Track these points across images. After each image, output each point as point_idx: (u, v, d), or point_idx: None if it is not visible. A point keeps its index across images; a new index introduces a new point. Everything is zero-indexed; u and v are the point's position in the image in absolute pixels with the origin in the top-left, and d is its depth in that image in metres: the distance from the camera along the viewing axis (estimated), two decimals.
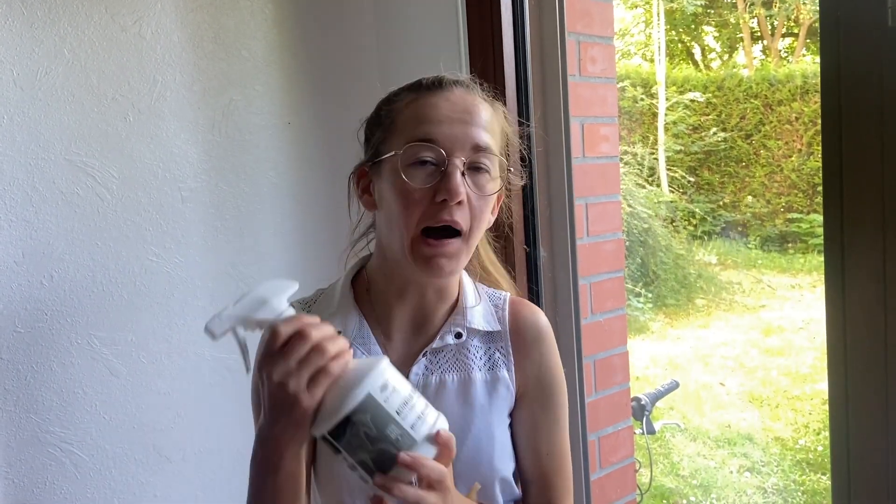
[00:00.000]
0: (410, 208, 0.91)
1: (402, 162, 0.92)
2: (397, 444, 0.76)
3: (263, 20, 1.62)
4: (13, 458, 1.35)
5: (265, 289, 0.81)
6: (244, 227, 1.60)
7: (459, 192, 0.90)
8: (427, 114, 0.94)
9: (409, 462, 0.76)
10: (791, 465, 4.34)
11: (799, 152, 8.66)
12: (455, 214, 0.91)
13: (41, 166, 1.36)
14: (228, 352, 1.58)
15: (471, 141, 0.93)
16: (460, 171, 0.91)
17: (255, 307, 0.80)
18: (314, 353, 0.77)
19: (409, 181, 0.91)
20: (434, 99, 0.95)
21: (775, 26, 11.08)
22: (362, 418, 0.76)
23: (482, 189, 0.94)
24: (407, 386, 0.80)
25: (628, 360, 1.74)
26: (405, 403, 0.78)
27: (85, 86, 1.39)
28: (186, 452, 1.54)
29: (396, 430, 0.76)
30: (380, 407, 0.76)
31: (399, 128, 0.96)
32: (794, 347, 5.89)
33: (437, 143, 0.92)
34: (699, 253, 8.23)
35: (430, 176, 0.92)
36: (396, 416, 0.77)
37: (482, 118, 0.95)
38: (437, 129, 0.92)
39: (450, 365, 1.00)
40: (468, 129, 0.93)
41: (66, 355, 1.40)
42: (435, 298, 1.01)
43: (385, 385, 0.78)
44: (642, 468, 3.04)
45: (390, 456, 0.76)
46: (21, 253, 1.34)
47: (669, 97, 9.13)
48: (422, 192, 0.91)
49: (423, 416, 0.78)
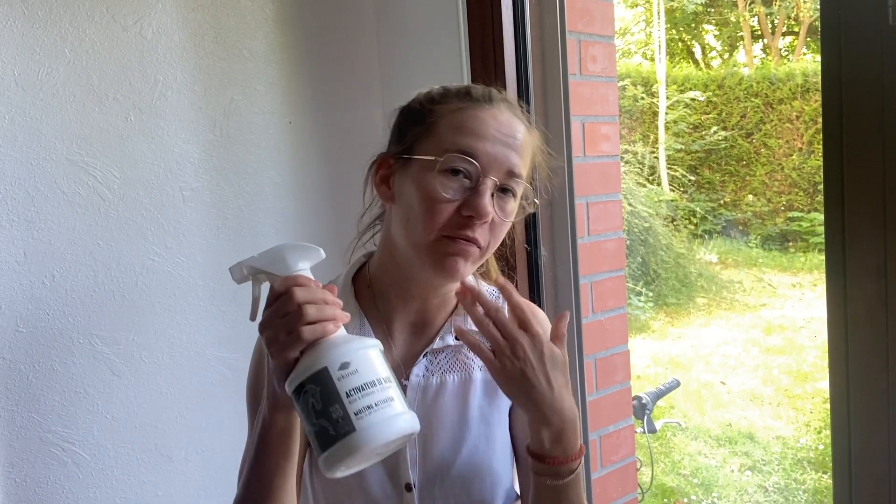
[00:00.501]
0: (435, 216, 0.91)
1: (438, 167, 0.91)
2: (336, 425, 0.74)
3: (264, 19, 1.62)
4: (15, 458, 1.35)
5: (288, 248, 0.84)
6: (245, 226, 1.61)
7: (487, 212, 0.90)
8: (473, 127, 0.93)
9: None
10: (792, 463, 4.34)
11: (799, 151, 8.66)
12: (476, 232, 0.91)
13: (43, 166, 1.36)
14: (230, 351, 1.58)
15: (508, 164, 0.93)
16: (491, 191, 0.91)
17: (271, 262, 0.83)
18: (293, 314, 0.78)
19: (439, 189, 0.90)
20: (482, 113, 0.94)
21: (776, 25, 11.08)
22: (313, 389, 0.75)
23: (507, 214, 0.94)
24: (378, 374, 0.78)
25: (629, 359, 1.74)
26: (361, 389, 0.75)
27: (86, 86, 1.39)
28: (188, 451, 1.54)
29: (339, 412, 0.74)
30: (331, 383, 0.75)
31: (440, 131, 0.94)
32: (795, 346, 5.89)
33: (477, 159, 0.91)
34: (700, 252, 8.23)
35: (460, 188, 0.91)
36: (345, 397, 0.75)
37: (521, 143, 0.95)
38: (481, 145, 0.91)
39: (450, 365, 0.99)
40: (508, 152, 0.93)
41: (68, 355, 1.40)
42: (437, 304, 1.01)
43: (347, 364, 0.76)
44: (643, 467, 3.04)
45: (328, 434, 0.75)
46: (23, 252, 1.35)
47: (670, 96, 9.13)
48: (448, 203, 0.91)
49: (375, 408, 0.75)
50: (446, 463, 0.96)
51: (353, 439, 0.74)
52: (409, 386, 0.98)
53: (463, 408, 0.98)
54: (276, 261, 0.83)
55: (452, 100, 0.96)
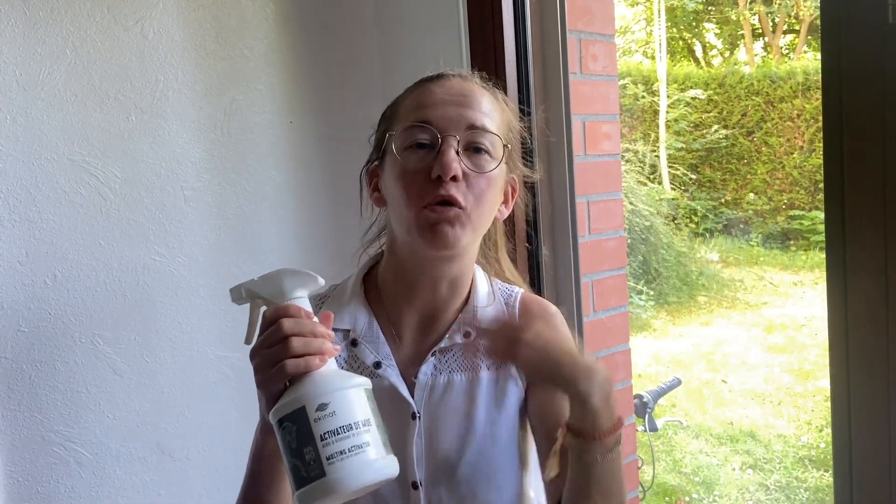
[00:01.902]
0: (409, 189, 0.92)
1: (398, 145, 0.94)
2: (308, 467, 0.74)
3: (265, 19, 1.62)
4: (18, 457, 1.36)
5: (287, 274, 0.83)
6: (246, 226, 1.61)
7: (452, 167, 0.90)
8: (423, 99, 0.95)
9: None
10: (794, 461, 4.34)
11: (800, 149, 8.65)
12: (451, 189, 0.91)
13: (44, 166, 1.36)
14: (232, 350, 1.59)
15: (465, 121, 0.93)
16: (454, 149, 0.92)
17: (267, 287, 0.83)
18: (279, 346, 0.78)
19: (405, 163, 0.92)
20: (430, 87, 0.97)
21: (776, 23, 11.07)
22: (289, 427, 0.75)
23: (481, 167, 0.93)
24: (355, 417, 0.76)
25: (630, 358, 1.74)
26: (335, 433, 0.74)
27: (87, 86, 1.40)
28: (190, 451, 1.54)
29: (311, 454, 0.74)
30: (307, 424, 0.74)
31: (399, 118, 0.97)
32: (797, 344, 5.88)
33: (431, 124, 0.93)
34: (701, 250, 8.23)
35: (426, 156, 0.92)
36: (319, 440, 0.73)
37: (479, 102, 0.95)
38: (432, 112, 0.93)
39: (458, 365, 0.99)
40: (463, 110, 0.94)
41: (70, 354, 1.40)
42: (446, 295, 1.00)
43: (325, 405, 0.74)
44: (645, 465, 3.04)
45: (300, 475, 0.74)
46: (24, 252, 1.35)
47: (671, 94, 9.12)
48: (419, 174, 0.92)
49: (347, 454, 0.74)
50: (452, 462, 0.96)
51: (322, 484, 0.73)
52: (416, 384, 0.98)
53: (470, 407, 0.98)
54: (273, 287, 0.82)
55: (407, 91, 1.00)
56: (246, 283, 0.84)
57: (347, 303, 1.01)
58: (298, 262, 1.68)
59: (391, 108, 1.01)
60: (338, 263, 1.24)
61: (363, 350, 0.98)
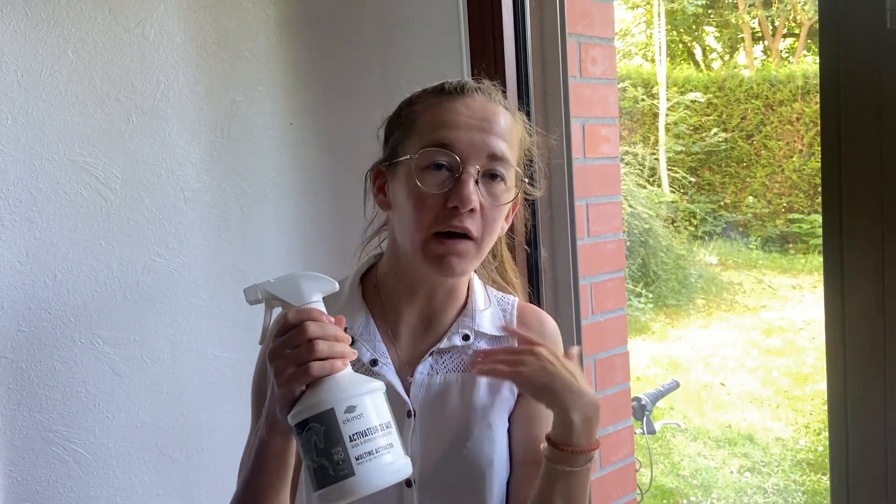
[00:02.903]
0: (423, 212, 0.92)
1: (416, 165, 0.92)
2: (336, 467, 0.76)
3: (266, 21, 1.62)
4: (17, 457, 1.36)
5: (305, 278, 0.85)
6: (246, 227, 1.61)
7: (472, 200, 0.90)
8: (446, 119, 0.93)
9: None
10: (791, 465, 4.35)
11: (800, 153, 8.66)
12: (466, 221, 0.91)
13: (45, 167, 1.36)
14: (231, 351, 1.59)
15: (488, 149, 0.92)
16: (474, 178, 0.91)
17: (286, 289, 0.84)
18: (303, 348, 0.79)
19: (422, 185, 0.91)
20: (454, 104, 0.95)
21: (776, 27, 11.08)
22: (317, 428, 0.77)
23: (496, 198, 0.94)
24: (380, 419, 0.79)
25: (629, 360, 1.75)
26: (363, 434, 0.77)
27: (88, 87, 1.40)
28: (189, 451, 1.55)
29: (341, 454, 0.76)
30: (336, 425, 0.77)
31: (418, 130, 0.95)
32: (795, 348, 5.89)
33: (453, 149, 0.91)
34: (700, 253, 8.24)
35: (444, 181, 0.91)
36: (348, 441, 0.77)
37: (501, 127, 0.95)
38: (455, 135, 0.92)
39: (455, 366, 1.00)
40: (486, 137, 0.93)
41: (70, 354, 1.40)
42: (444, 300, 1.01)
43: (353, 408, 0.78)
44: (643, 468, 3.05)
45: (326, 474, 0.77)
46: (24, 252, 1.35)
47: (670, 97, 9.13)
48: (434, 198, 0.91)
49: (375, 454, 0.77)
50: (447, 461, 0.97)
51: (352, 483, 0.76)
52: (412, 383, 0.98)
53: (465, 408, 0.99)
54: (291, 289, 0.84)
55: (427, 97, 0.98)
56: (262, 283, 0.85)
57: (345, 302, 1.02)
58: (298, 264, 1.68)
59: (408, 115, 0.98)
60: (338, 265, 1.25)
61: (360, 348, 0.98)
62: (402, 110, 1.00)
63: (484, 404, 0.99)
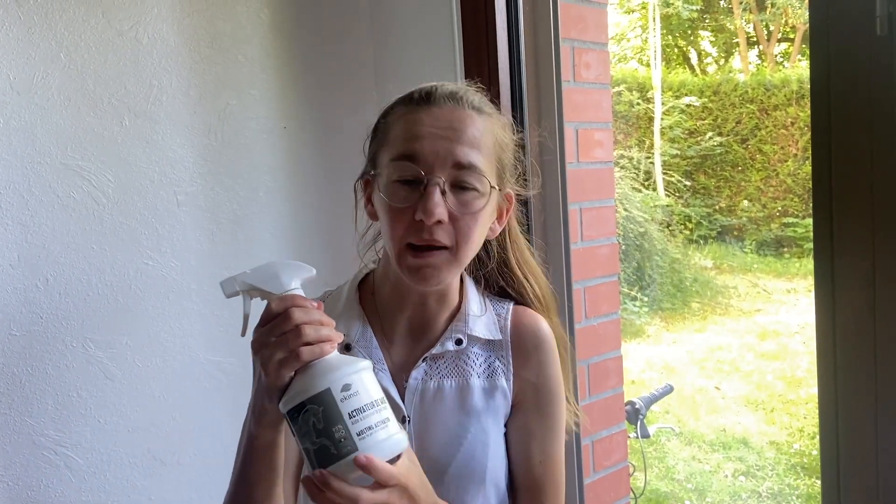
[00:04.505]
0: (396, 225, 0.92)
1: (386, 179, 0.93)
2: (338, 444, 0.78)
3: (259, 25, 1.62)
4: (8, 461, 1.35)
5: (282, 266, 0.85)
6: (239, 230, 1.61)
7: (435, 213, 0.89)
8: (411, 130, 0.93)
9: (363, 463, 0.77)
10: (786, 469, 4.36)
11: (794, 157, 8.69)
12: (436, 234, 0.90)
13: (37, 170, 1.36)
14: (224, 355, 1.59)
15: (452, 158, 0.91)
16: (440, 189, 0.90)
17: (264, 279, 0.84)
18: (291, 334, 0.79)
19: (389, 200, 0.92)
20: (420, 115, 0.93)
21: (771, 31, 11.13)
22: (315, 409, 0.78)
23: (467, 206, 0.92)
24: (374, 395, 0.81)
25: (622, 364, 1.75)
26: (362, 410, 0.79)
27: (81, 90, 1.40)
28: (181, 455, 1.54)
29: (342, 432, 0.78)
30: (334, 404, 0.78)
31: (389, 143, 0.96)
32: (790, 352, 5.90)
33: (417, 161, 0.91)
34: (695, 257, 8.26)
35: (411, 194, 0.91)
36: (347, 418, 0.78)
37: (468, 134, 0.93)
38: (418, 146, 0.91)
39: (449, 371, 1.00)
40: (450, 145, 0.91)
41: (62, 358, 1.40)
42: (436, 305, 1.01)
43: (348, 386, 0.79)
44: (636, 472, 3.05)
45: (329, 453, 0.78)
46: (17, 256, 1.35)
47: (665, 101, 9.16)
48: (404, 211, 0.91)
49: (374, 428, 0.79)
50: (442, 466, 0.97)
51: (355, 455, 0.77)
52: (407, 389, 0.99)
53: (460, 413, 0.99)
54: (269, 278, 0.84)
55: (397, 108, 0.98)
56: (239, 275, 0.85)
57: (343, 308, 1.02)
58: None
59: (382, 127, 0.99)
60: (331, 268, 1.25)
61: (356, 355, 0.99)
62: (379, 122, 1.01)
63: (478, 409, 0.99)
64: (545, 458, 1.01)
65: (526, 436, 1.01)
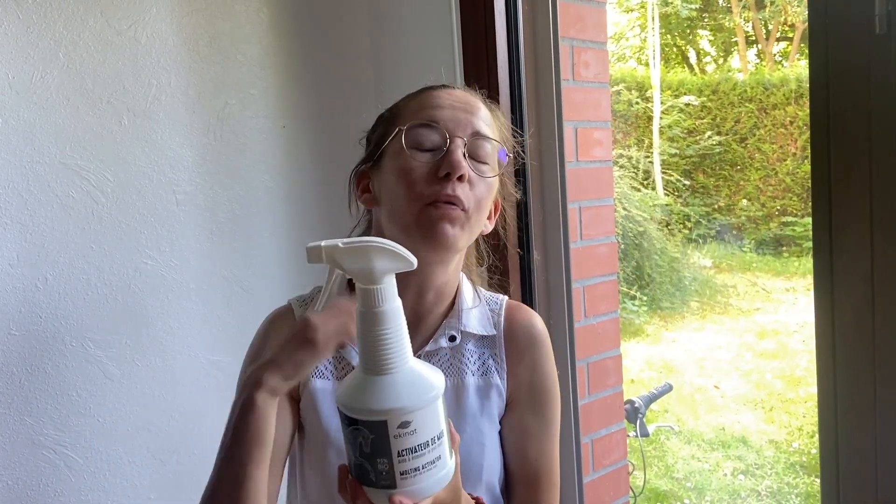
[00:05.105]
0: (414, 186, 0.93)
1: (405, 142, 0.94)
2: (379, 475, 0.73)
3: (259, 24, 1.62)
4: (7, 461, 1.35)
5: (379, 252, 0.73)
6: (239, 230, 1.61)
7: (462, 165, 0.92)
8: (430, 101, 0.97)
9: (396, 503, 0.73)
10: (785, 467, 4.36)
11: (793, 156, 8.69)
12: (458, 190, 0.92)
13: (36, 169, 1.36)
14: (223, 354, 1.59)
15: (472, 127, 0.96)
16: (462, 150, 0.94)
17: (357, 264, 0.73)
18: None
19: (412, 162, 0.93)
20: (437, 92, 0.99)
21: (770, 30, 11.13)
22: (365, 433, 0.72)
23: (482, 172, 0.96)
24: (431, 433, 0.73)
25: (621, 363, 1.75)
26: (413, 451, 0.72)
27: (80, 89, 1.40)
28: (180, 455, 1.54)
29: (385, 465, 0.72)
30: (386, 439, 0.72)
31: (403, 118, 0.98)
32: (789, 350, 5.90)
33: (440, 124, 0.94)
34: (694, 256, 8.26)
35: (432, 156, 0.94)
36: (395, 455, 0.72)
37: (483, 113, 0.99)
38: (440, 113, 0.95)
39: (443, 369, 0.99)
40: (469, 116, 0.96)
41: (61, 358, 1.40)
42: (433, 299, 1.00)
43: (407, 423, 0.72)
44: (636, 470, 3.05)
45: (367, 475, 0.74)
46: (16, 256, 1.35)
47: (664, 101, 9.16)
48: (425, 168, 0.93)
49: (420, 471, 0.73)
50: None
51: (391, 493, 0.73)
52: None
53: (455, 412, 0.98)
54: (362, 265, 0.73)
55: (409, 96, 1.02)
56: (329, 246, 0.73)
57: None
58: (290, 266, 1.68)
59: (391, 112, 1.02)
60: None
61: (349, 351, 0.98)
62: (384, 113, 1.04)
63: (474, 409, 0.99)
64: (540, 455, 1.01)
65: (521, 433, 1.01)
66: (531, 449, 1.01)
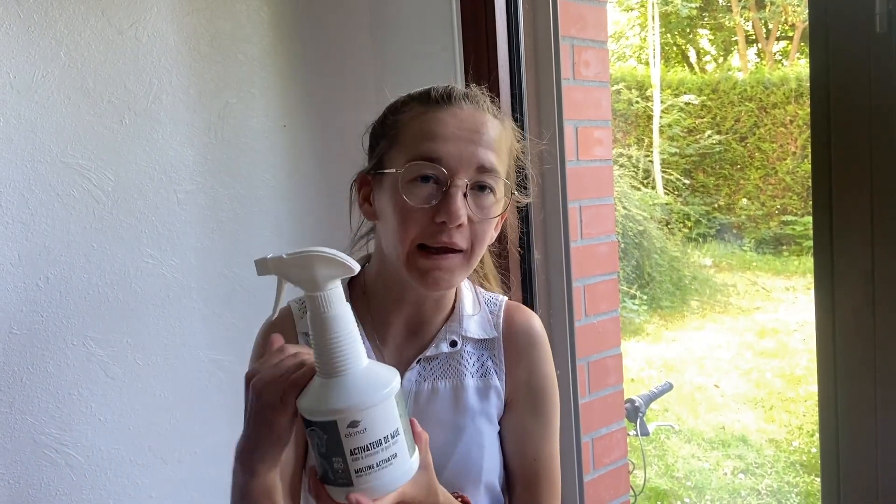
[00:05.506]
0: (409, 226, 0.90)
1: (403, 178, 0.90)
2: (336, 474, 0.74)
3: (259, 23, 1.62)
4: (8, 460, 1.35)
5: (321, 260, 0.76)
6: (239, 229, 1.61)
7: (460, 215, 0.88)
8: (433, 130, 0.91)
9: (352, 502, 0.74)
10: (785, 466, 4.36)
11: (793, 155, 8.69)
12: (454, 237, 0.89)
13: (37, 168, 1.36)
14: (224, 353, 1.59)
15: (476, 161, 0.90)
16: (462, 192, 0.89)
17: (300, 274, 0.76)
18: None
19: (408, 200, 0.89)
20: (442, 114, 0.92)
21: (770, 29, 11.13)
22: (319, 433, 0.74)
23: (486, 211, 0.92)
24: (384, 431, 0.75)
25: (622, 362, 1.75)
26: (365, 449, 0.74)
27: (81, 88, 1.40)
28: (182, 453, 1.54)
29: (340, 464, 0.74)
30: (337, 437, 0.73)
31: (404, 141, 0.93)
32: (789, 349, 5.90)
33: (441, 162, 0.89)
34: (694, 255, 8.26)
35: (431, 195, 0.90)
36: (349, 454, 0.73)
37: (490, 137, 0.92)
38: (443, 147, 0.90)
39: (442, 372, 0.99)
40: (474, 148, 0.90)
41: (62, 357, 1.40)
42: (433, 307, 1.01)
43: (356, 423, 0.73)
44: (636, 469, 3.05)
45: (326, 474, 0.76)
46: (17, 255, 1.35)
47: (664, 100, 9.16)
48: (421, 212, 0.89)
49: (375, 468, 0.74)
50: (438, 468, 0.96)
51: (348, 490, 0.75)
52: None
53: (454, 414, 0.98)
54: (305, 273, 0.76)
55: (412, 106, 0.95)
56: (274, 259, 0.77)
57: None
58: None
59: (393, 124, 0.96)
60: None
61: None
62: (387, 118, 0.98)
63: (473, 410, 0.99)
64: (540, 456, 1.01)
65: (520, 434, 1.01)
66: (530, 449, 1.01)
